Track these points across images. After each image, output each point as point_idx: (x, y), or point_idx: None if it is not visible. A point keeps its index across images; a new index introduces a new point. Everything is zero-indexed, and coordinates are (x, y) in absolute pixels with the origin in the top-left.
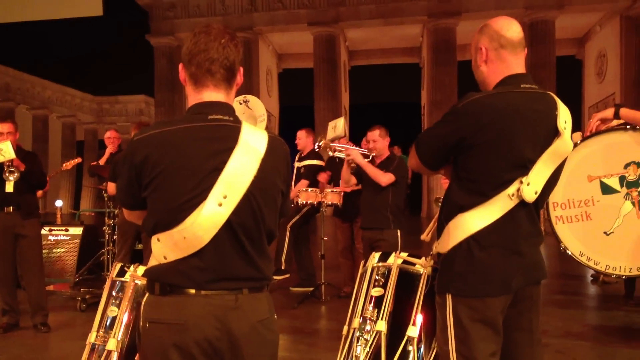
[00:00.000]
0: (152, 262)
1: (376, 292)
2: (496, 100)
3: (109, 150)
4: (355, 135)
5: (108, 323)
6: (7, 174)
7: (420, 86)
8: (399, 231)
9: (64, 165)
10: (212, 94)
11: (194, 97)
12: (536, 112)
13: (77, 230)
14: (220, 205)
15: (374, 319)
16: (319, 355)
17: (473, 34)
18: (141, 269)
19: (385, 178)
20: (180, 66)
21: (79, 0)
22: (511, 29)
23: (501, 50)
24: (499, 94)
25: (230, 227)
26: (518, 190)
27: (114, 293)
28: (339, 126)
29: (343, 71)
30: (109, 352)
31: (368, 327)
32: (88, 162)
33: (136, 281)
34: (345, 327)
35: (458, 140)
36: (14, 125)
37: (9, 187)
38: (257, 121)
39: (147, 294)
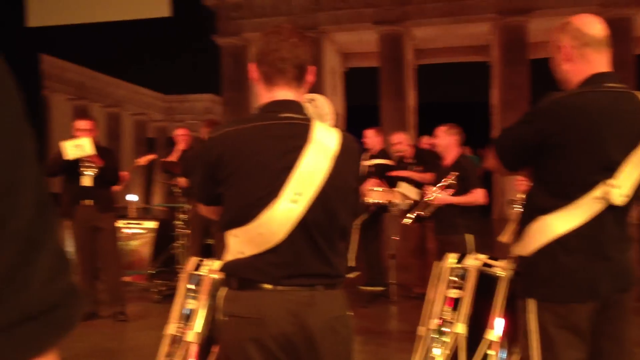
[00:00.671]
0: (229, 257)
1: (453, 293)
2: (579, 100)
3: (180, 147)
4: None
5: (186, 315)
6: (85, 169)
7: (488, 85)
8: (470, 235)
9: (138, 160)
10: (283, 93)
11: (266, 95)
12: (622, 112)
13: (152, 224)
14: (293, 202)
15: (452, 321)
16: (389, 356)
17: (546, 31)
18: (217, 263)
19: (482, 199)
20: (252, 65)
21: (147, 1)
22: (595, 26)
23: (585, 48)
24: (582, 93)
25: (304, 224)
26: (605, 193)
27: (190, 286)
28: (410, 195)
29: (409, 70)
30: (188, 343)
31: (446, 329)
32: (158, 159)
33: (213, 275)
34: (421, 328)
35: (540, 141)
36: (93, 123)
37: (88, 182)
38: (324, 120)
39: (224, 288)
